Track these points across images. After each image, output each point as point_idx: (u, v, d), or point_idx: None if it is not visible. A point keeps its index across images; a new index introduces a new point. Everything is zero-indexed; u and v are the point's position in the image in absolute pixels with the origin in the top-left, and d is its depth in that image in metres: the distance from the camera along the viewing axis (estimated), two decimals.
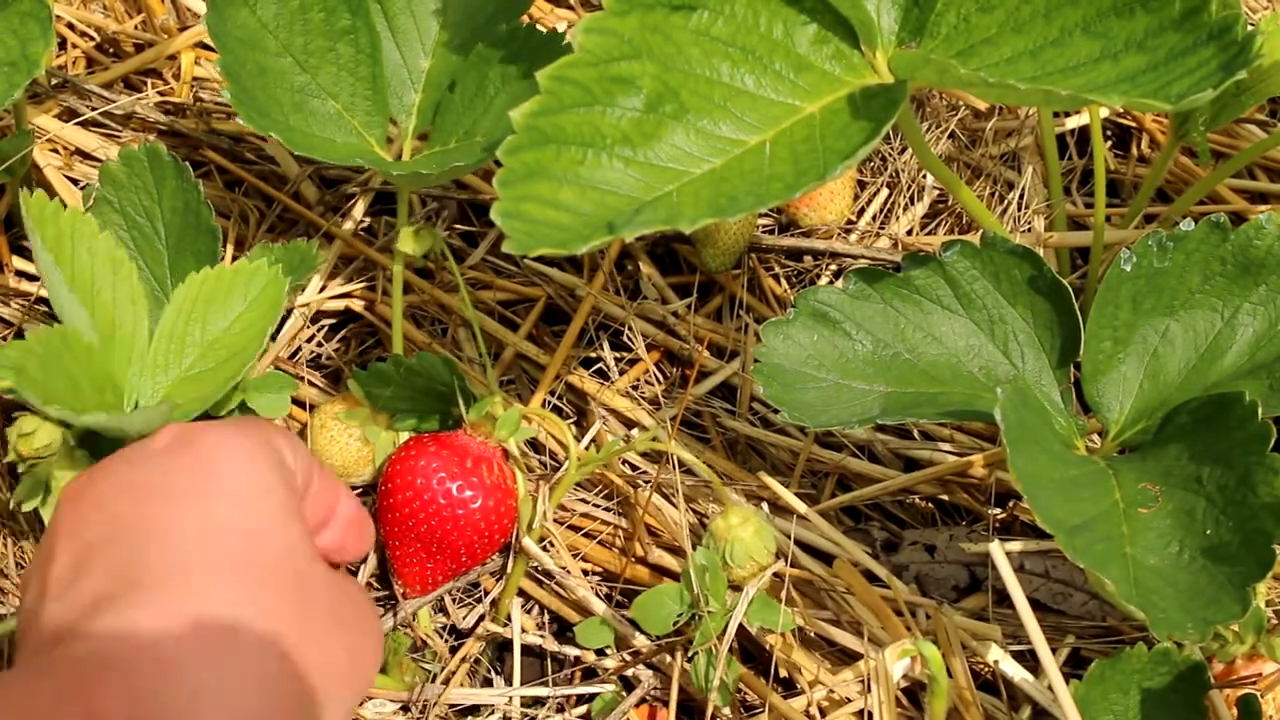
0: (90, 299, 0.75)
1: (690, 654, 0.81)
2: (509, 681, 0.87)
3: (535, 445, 0.95)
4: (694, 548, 0.83)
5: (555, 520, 0.91)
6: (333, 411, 0.90)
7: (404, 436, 0.89)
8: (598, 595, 0.88)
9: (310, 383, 0.98)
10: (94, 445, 0.81)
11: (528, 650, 0.88)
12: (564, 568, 0.88)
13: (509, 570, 0.88)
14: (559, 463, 0.93)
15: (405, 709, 0.85)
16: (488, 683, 0.88)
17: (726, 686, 0.80)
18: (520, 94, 0.82)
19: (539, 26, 0.87)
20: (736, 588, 0.81)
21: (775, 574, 0.82)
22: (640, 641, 0.85)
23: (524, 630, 0.88)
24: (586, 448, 0.95)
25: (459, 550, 0.84)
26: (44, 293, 1.01)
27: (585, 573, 0.91)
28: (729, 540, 0.80)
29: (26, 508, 0.78)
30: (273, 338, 0.99)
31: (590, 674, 0.88)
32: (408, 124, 0.90)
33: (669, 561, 0.90)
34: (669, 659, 0.84)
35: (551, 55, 0.78)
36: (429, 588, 0.86)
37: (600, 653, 0.86)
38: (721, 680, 0.79)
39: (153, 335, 0.79)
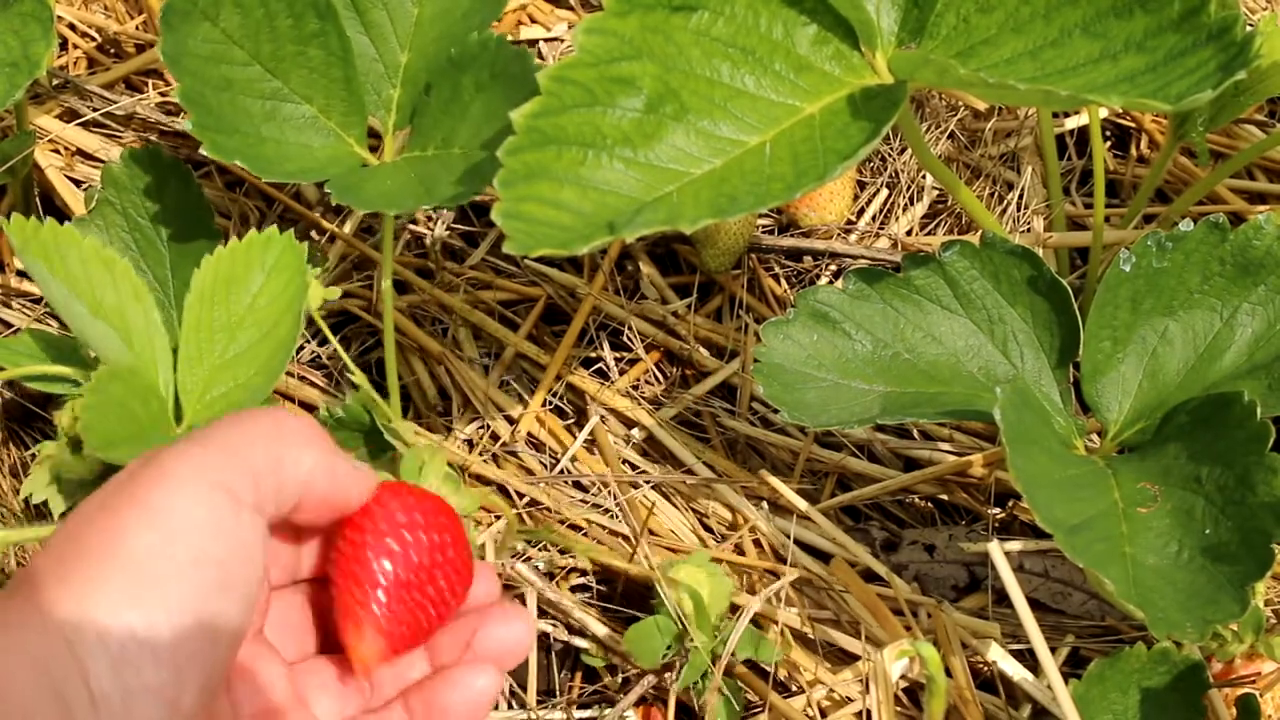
0: (120, 322, 0.74)
1: (677, 688, 0.80)
2: (508, 681, 0.87)
3: (535, 444, 0.96)
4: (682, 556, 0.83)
5: (560, 521, 0.91)
6: None
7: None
8: (597, 599, 0.88)
9: (311, 383, 0.98)
10: None
11: None
12: (559, 569, 0.88)
13: None
14: (558, 459, 0.94)
15: None
16: None
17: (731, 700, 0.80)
18: (493, 103, 0.80)
19: (508, 39, 0.86)
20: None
21: (774, 573, 0.82)
22: None
23: None
24: (585, 445, 0.95)
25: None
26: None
27: (585, 572, 0.91)
28: (690, 613, 0.78)
29: (36, 499, 0.78)
30: None
31: (589, 674, 0.88)
32: (388, 120, 0.88)
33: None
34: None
35: (522, 68, 0.80)
36: None
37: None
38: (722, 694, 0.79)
39: (179, 328, 0.77)
